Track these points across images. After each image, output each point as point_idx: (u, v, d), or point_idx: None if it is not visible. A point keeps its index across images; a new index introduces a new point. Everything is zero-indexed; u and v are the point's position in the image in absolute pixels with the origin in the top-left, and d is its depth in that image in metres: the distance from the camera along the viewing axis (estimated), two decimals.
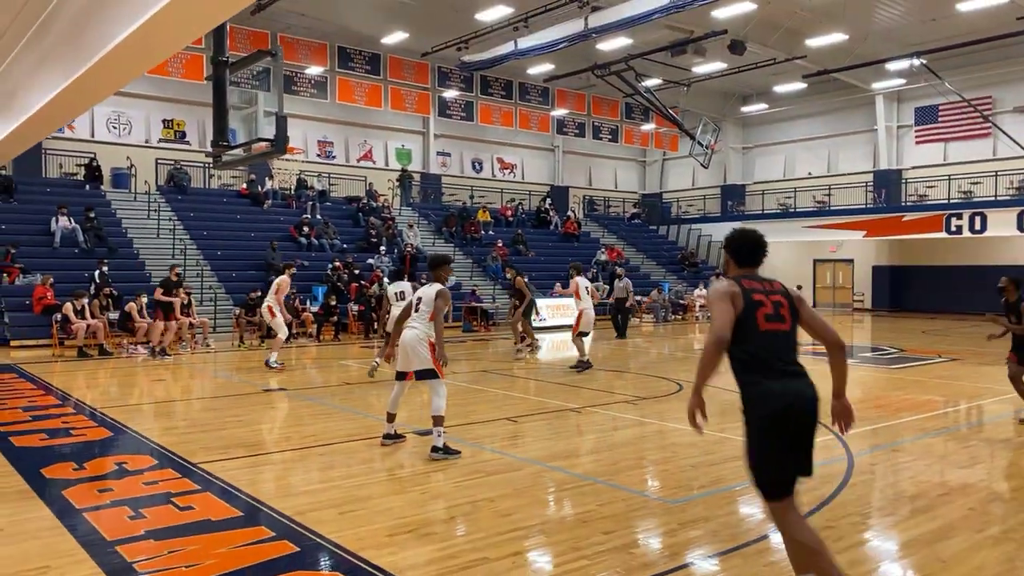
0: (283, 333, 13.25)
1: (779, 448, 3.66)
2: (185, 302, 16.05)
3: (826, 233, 29.75)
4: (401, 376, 7.16)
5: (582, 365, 12.51)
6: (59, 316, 14.93)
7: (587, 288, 13.13)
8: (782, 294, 3.87)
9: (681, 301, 26.15)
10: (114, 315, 15.77)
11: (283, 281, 13.17)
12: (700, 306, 25.70)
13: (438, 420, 6.82)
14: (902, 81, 27.24)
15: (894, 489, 6.07)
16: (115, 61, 5.28)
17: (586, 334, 12.94)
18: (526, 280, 15.89)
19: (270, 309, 13.01)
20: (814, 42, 23.68)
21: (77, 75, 5.75)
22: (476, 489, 5.86)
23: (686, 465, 6.68)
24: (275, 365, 12.72)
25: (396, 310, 10.53)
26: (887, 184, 29.79)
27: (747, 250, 4.04)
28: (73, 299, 14.93)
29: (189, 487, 5.89)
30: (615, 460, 6.85)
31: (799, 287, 28.55)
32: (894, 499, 5.80)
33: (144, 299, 15.74)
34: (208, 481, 6.02)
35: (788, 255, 32.75)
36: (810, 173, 32.74)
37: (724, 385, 11.07)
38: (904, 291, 29.64)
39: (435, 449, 6.78)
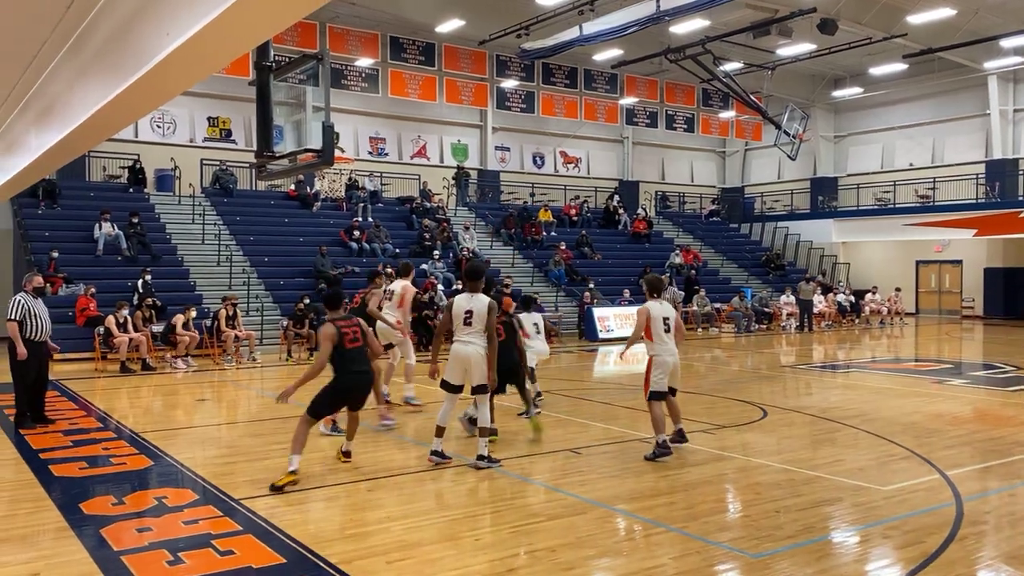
0: (412, 358, 11.09)
1: None
2: (230, 314, 16.45)
3: (930, 231, 28.71)
4: (456, 390, 7.71)
5: (660, 450, 8.07)
6: (101, 329, 15.46)
7: (667, 321, 8.35)
8: None
9: (766, 309, 25.58)
10: (158, 327, 16.25)
11: (409, 288, 10.94)
12: (787, 314, 25.11)
13: (485, 432, 7.62)
14: (1019, 59, 26.13)
15: (1012, 544, 5.77)
16: (160, 76, 5.41)
17: (662, 395, 8.26)
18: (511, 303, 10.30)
19: (399, 326, 10.65)
20: (916, 18, 22.90)
21: (119, 90, 5.91)
22: (534, 536, 5.80)
23: (771, 509, 6.48)
24: (416, 402, 11.01)
25: (539, 343, 10.55)
26: (1001, 176, 28.63)
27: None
28: (115, 311, 15.45)
29: (230, 527, 5.99)
30: (691, 503, 6.70)
31: (898, 290, 27.98)
32: (1013, 556, 5.51)
33: (193, 312, 16.19)
34: (250, 521, 6.11)
35: (886, 256, 31.81)
36: (912, 164, 31.70)
37: (818, 412, 10.76)
38: (1021, 296, 28.40)
39: (480, 458, 7.53)
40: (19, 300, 9.74)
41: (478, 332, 7.52)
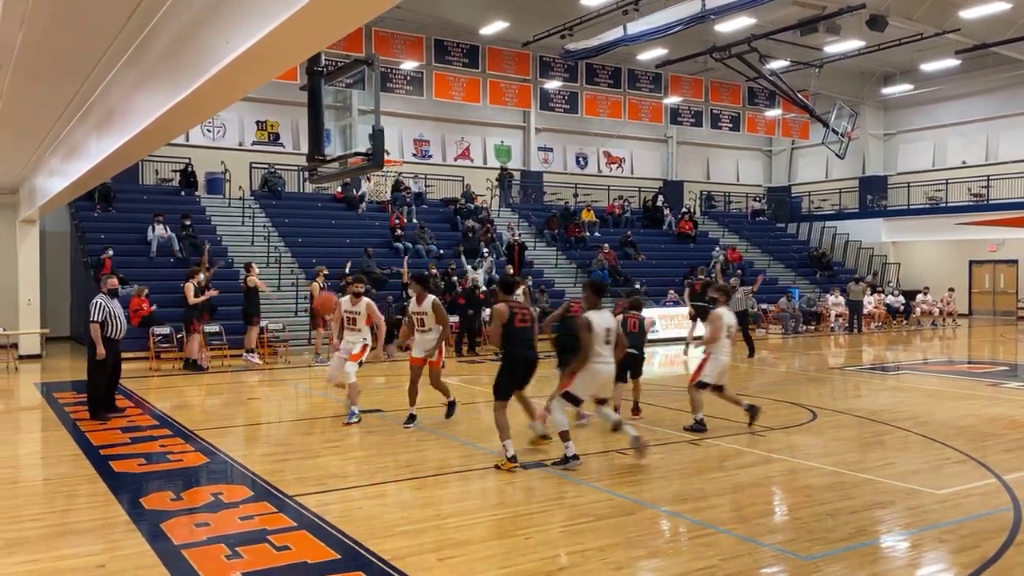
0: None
1: None
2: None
3: (984, 231, 27.94)
4: (579, 403, 8.12)
5: (698, 425, 9.56)
6: (155, 329, 15.88)
7: (730, 328, 9.72)
8: None
9: (813, 309, 25.22)
10: (211, 328, 16.60)
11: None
12: (836, 315, 24.73)
13: (565, 435, 7.67)
14: None
15: None
16: (218, 83, 5.57)
17: (707, 386, 9.66)
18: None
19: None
20: (969, 13, 22.40)
21: (179, 98, 6.10)
22: (585, 536, 5.83)
23: (822, 512, 6.43)
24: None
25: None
26: None
27: None
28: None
29: (285, 523, 6.13)
30: (740, 504, 6.67)
31: (951, 290, 27.35)
32: None
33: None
34: (304, 517, 6.25)
35: (938, 256, 31.16)
36: (964, 162, 31.02)
37: (868, 415, 10.60)
38: None
39: (565, 459, 7.66)
40: (100, 302, 10.30)
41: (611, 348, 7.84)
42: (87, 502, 6.84)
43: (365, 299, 10.38)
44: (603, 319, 7.83)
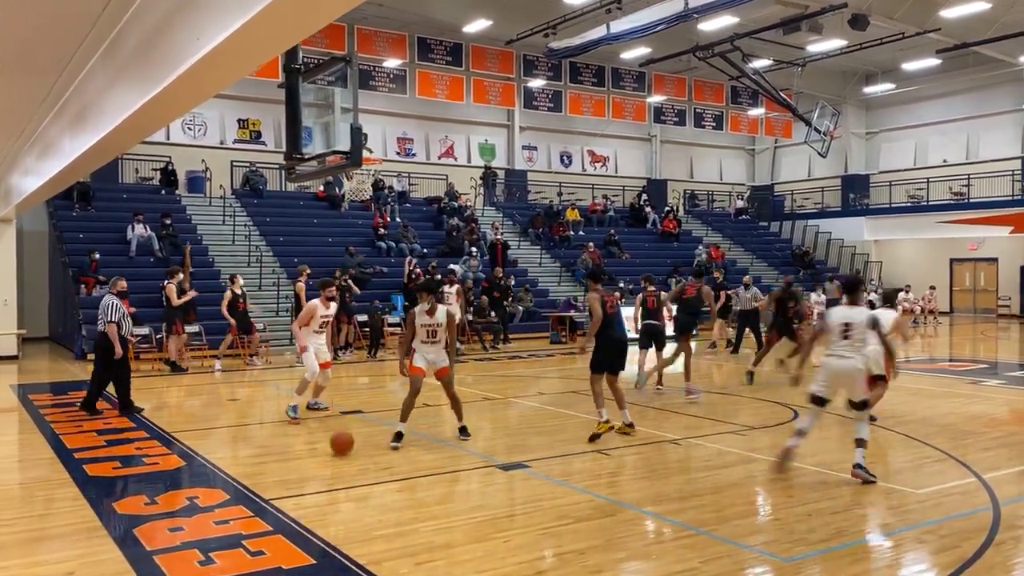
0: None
1: None
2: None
3: (965, 229, 28.12)
4: (825, 404, 7.34)
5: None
6: (134, 329, 15.66)
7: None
8: None
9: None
10: (192, 328, 16.42)
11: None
12: (818, 313, 24.78)
13: (861, 443, 7.17)
14: None
15: None
16: (191, 79, 5.46)
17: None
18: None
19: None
20: (950, 12, 22.51)
21: (152, 94, 5.98)
22: (564, 538, 5.77)
23: (802, 513, 6.40)
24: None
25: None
26: None
27: None
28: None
29: (261, 528, 6.03)
30: (721, 505, 6.63)
31: (932, 288, 27.52)
32: None
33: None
34: (280, 521, 6.15)
35: (920, 254, 31.36)
36: (945, 161, 31.21)
37: (850, 413, 10.57)
38: None
39: (857, 466, 7.11)
40: (114, 303, 10.49)
41: (855, 345, 7.15)
42: (58, 507, 6.71)
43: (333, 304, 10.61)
44: (844, 314, 7.29)
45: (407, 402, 8.63)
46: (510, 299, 21.22)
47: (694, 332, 12.59)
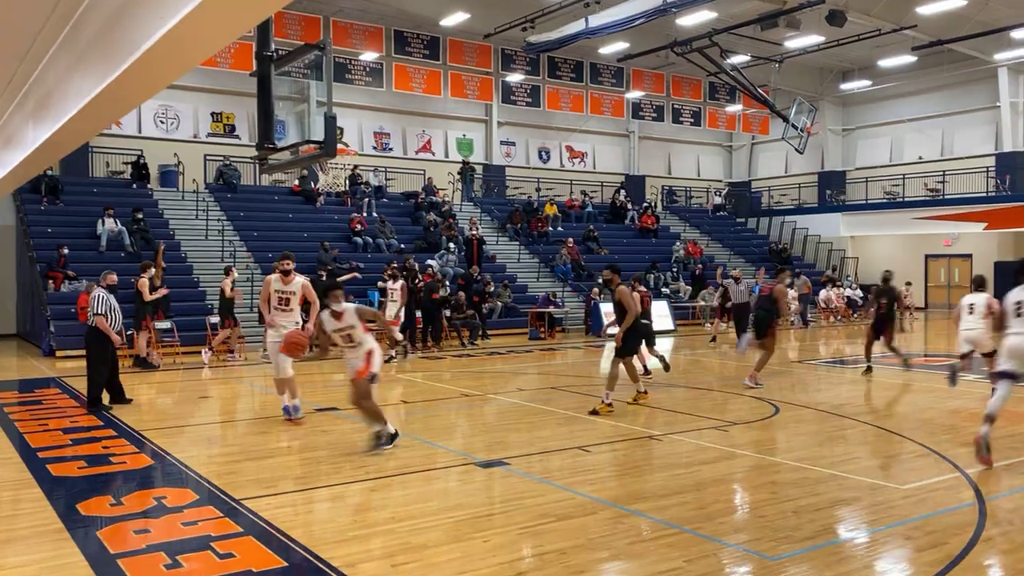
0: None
1: None
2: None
3: (940, 225, 28.44)
4: (1014, 378, 7.60)
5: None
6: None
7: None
8: None
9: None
10: (163, 324, 16.08)
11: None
12: (793, 310, 24.86)
13: (990, 418, 7.46)
14: None
15: None
16: (149, 64, 5.22)
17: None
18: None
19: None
20: (926, 9, 22.64)
21: (110, 79, 5.73)
22: (544, 538, 5.61)
23: (787, 510, 6.28)
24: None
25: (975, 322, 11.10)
26: (1011, 169, 28.32)
27: None
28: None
29: (231, 529, 5.82)
30: (704, 503, 6.50)
31: (908, 284, 27.66)
32: None
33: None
34: (252, 522, 5.94)
35: (895, 250, 31.53)
36: (921, 157, 31.43)
37: (831, 409, 10.52)
38: None
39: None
40: (101, 295, 10.61)
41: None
42: (20, 509, 6.46)
43: (299, 277, 10.05)
44: (1019, 295, 7.96)
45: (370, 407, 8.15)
46: (487, 298, 20.96)
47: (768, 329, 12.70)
